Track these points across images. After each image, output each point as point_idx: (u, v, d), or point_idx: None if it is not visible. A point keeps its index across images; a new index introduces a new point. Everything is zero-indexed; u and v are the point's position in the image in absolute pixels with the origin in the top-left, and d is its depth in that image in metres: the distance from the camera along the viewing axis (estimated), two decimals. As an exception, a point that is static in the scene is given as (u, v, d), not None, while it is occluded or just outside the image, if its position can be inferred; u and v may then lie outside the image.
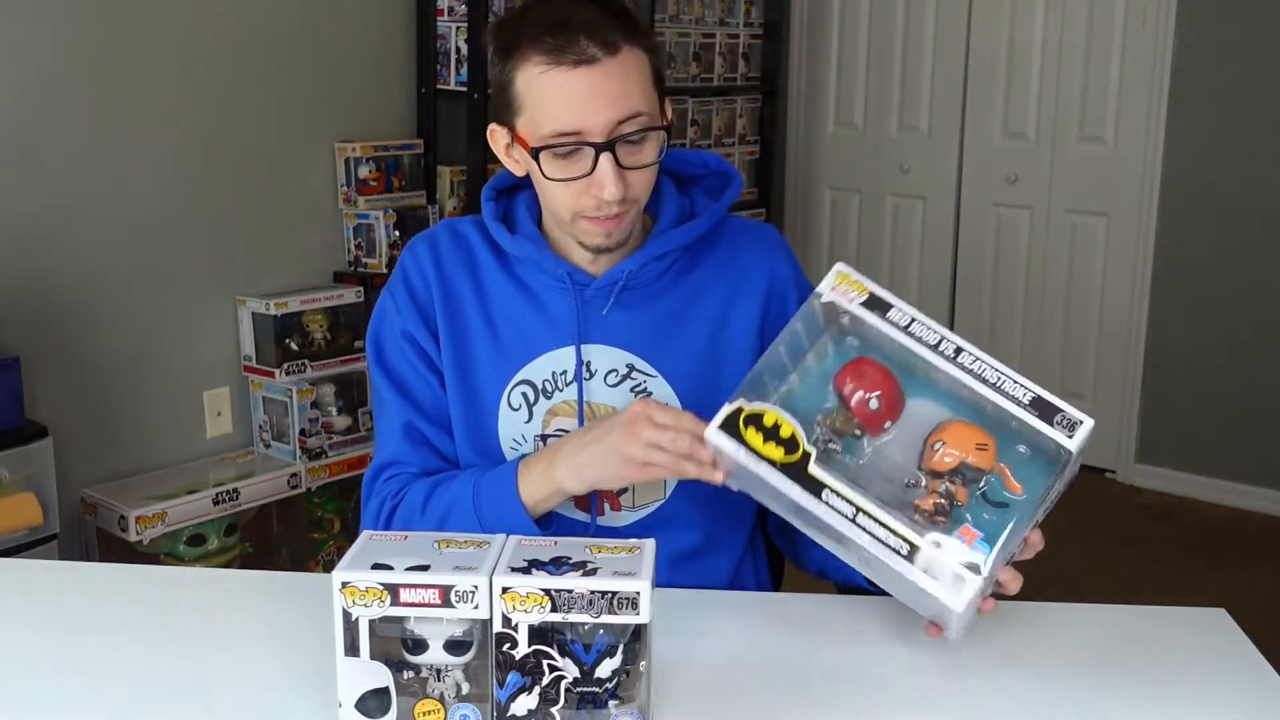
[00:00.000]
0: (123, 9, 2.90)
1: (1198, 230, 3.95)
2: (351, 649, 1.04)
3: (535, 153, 1.32)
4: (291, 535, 3.23)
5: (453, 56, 3.47)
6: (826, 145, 4.77)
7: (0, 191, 2.75)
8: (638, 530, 1.43)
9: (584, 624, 1.03)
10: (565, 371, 1.41)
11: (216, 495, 2.98)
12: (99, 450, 2.99)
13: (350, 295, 3.33)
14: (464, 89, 3.46)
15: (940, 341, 1.14)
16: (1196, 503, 4.00)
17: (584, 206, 1.33)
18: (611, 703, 1.05)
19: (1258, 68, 3.77)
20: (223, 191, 3.16)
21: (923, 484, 1.14)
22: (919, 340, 1.13)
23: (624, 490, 1.43)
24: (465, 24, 3.43)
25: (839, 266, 1.18)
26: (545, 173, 1.32)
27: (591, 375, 1.41)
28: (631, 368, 1.41)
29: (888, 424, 1.16)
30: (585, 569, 1.04)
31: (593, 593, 1.02)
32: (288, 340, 3.20)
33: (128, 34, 2.92)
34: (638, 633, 1.03)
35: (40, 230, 2.83)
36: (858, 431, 1.17)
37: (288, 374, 3.20)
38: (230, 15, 3.11)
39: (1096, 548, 3.66)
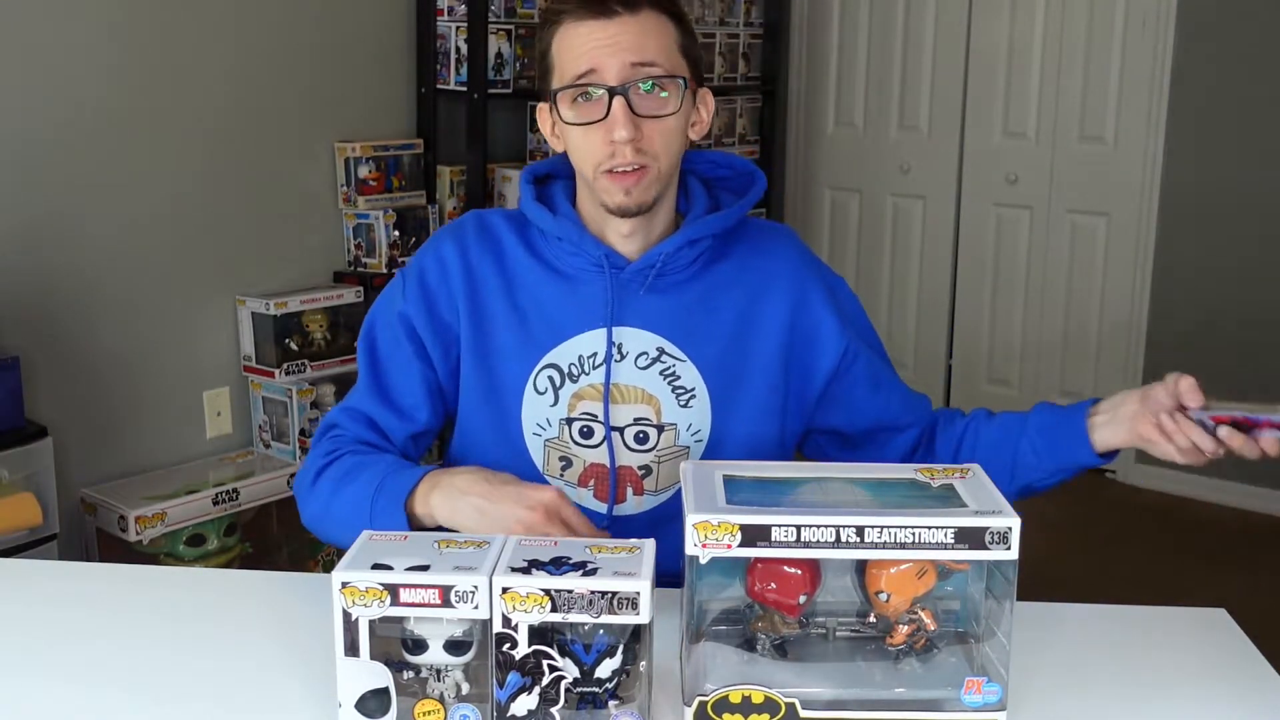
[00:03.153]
0: (122, 10, 2.90)
1: (1198, 230, 3.95)
2: (351, 649, 1.04)
3: (555, 96, 1.38)
4: (291, 535, 3.22)
5: (453, 56, 3.47)
6: (826, 145, 4.77)
7: (0, 192, 2.76)
8: (659, 514, 1.45)
9: (584, 624, 1.03)
10: (595, 354, 1.43)
11: (216, 495, 2.98)
12: (99, 450, 2.99)
13: (350, 295, 3.33)
14: (464, 89, 3.46)
15: (838, 533, 1.06)
16: (1196, 503, 3.99)
17: (602, 157, 1.36)
18: (611, 703, 1.05)
19: (1258, 68, 3.77)
20: (223, 191, 3.16)
21: (872, 615, 1.15)
22: (817, 545, 1.06)
23: (648, 473, 1.45)
24: (465, 24, 3.43)
25: (689, 518, 1.05)
26: (564, 117, 1.38)
27: (622, 357, 1.43)
28: (662, 351, 1.44)
29: (803, 597, 1.13)
30: (585, 569, 1.04)
31: (593, 593, 1.02)
32: (287, 340, 3.20)
33: (127, 35, 2.92)
34: (638, 633, 1.04)
35: (40, 230, 2.83)
36: (790, 620, 1.15)
37: (287, 374, 3.20)
38: (230, 15, 3.11)
39: (1096, 548, 3.66)
